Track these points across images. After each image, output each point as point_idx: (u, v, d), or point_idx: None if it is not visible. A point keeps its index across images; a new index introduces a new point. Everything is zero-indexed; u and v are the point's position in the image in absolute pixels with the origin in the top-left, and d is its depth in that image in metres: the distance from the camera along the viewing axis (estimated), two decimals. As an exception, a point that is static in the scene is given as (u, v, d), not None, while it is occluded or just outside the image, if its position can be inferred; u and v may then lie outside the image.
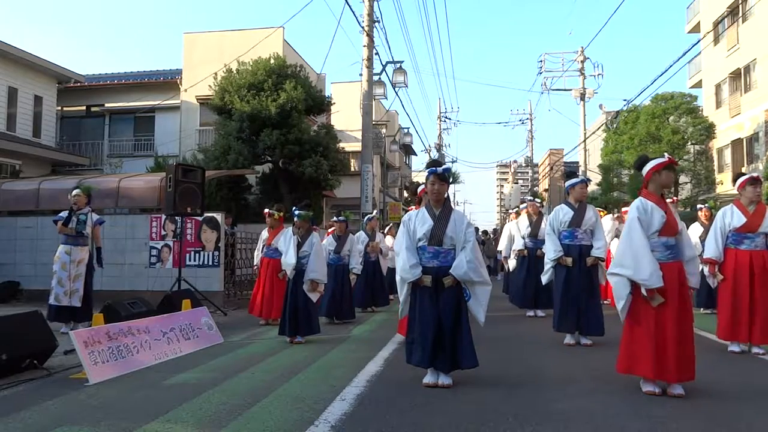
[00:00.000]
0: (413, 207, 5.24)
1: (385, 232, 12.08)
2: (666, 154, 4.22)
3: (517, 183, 52.51)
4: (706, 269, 5.73)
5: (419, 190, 5.19)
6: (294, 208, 6.58)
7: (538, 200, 9.04)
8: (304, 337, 6.41)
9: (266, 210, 8.31)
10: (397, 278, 4.38)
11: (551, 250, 6.15)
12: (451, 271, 4.21)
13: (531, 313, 8.38)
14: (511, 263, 9.15)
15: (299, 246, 6.38)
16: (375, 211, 13.60)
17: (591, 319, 5.89)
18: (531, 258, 8.36)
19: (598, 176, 27.68)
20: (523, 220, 8.77)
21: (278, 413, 3.59)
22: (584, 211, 6.13)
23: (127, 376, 4.73)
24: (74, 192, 7.43)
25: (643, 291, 3.87)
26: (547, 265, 6.26)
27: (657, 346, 3.86)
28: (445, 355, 4.19)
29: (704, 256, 5.70)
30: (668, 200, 4.19)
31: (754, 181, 5.54)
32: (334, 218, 9.01)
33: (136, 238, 10.47)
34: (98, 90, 20.30)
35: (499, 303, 9.58)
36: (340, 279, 8.37)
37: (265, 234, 8.25)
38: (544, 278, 6.41)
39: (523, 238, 8.58)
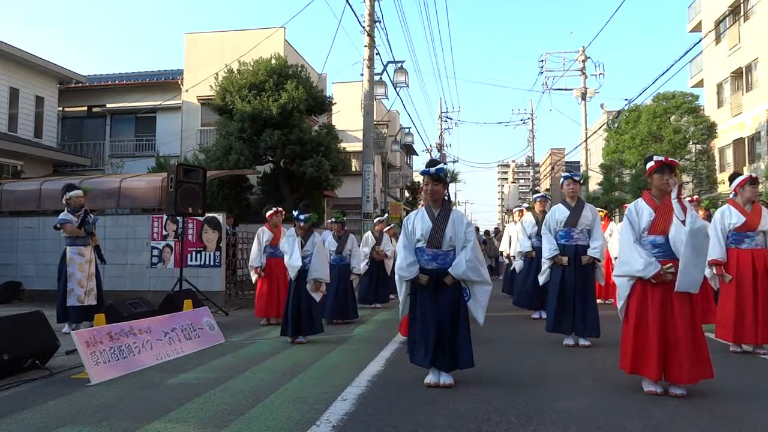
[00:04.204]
0: (419, 205, 5.24)
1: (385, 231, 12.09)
2: (655, 156, 4.17)
3: (516, 183, 52.56)
4: (708, 271, 5.69)
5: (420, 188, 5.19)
6: (296, 211, 6.56)
7: (548, 195, 8.73)
8: (306, 336, 6.42)
9: (278, 208, 8.27)
10: (396, 277, 4.40)
11: (547, 249, 6.09)
12: (449, 270, 4.21)
13: (536, 315, 8.22)
14: (518, 264, 8.86)
15: (302, 245, 6.39)
16: (386, 215, 13.64)
17: (586, 320, 5.83)
18: (539, 258, 7.69)
19: (600, 176, 27.66)
20: (528, 218, 8.41)
21: (280, 413, 3.60)
22: (581, 210, 6.06)
23: (129, 376, 4.73)
24: (75, 193, 7.40)
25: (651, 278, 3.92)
26: (544, 265, 6.20)
27: (650, 345, 3.88)
28: (445, 355, 4.19)
29: (709, 258, 5.67)
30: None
31: (753, 181, 5.61)
32: (330, 220, 9.17)
33: (137, 239, 10.48)
34: (99, 90, 20.32)
35: (500, 303, 9.58)
36: (343, 279, 8.40)
37: (267, 234, 8.19)
38: (542, 279, 6.34)
39: (530, 237, 8.20)
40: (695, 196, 8.75)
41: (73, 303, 7.15)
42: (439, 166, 4.38)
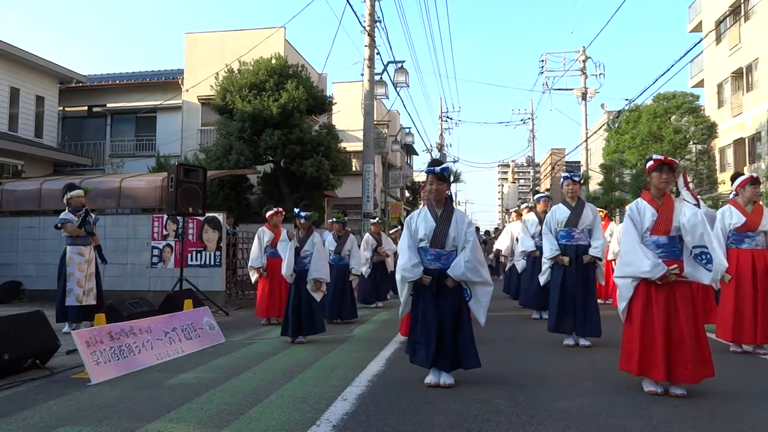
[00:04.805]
0: (420, 205, 5.24)
1: (391, 233, 12.18)
2: (655, 155, 4.16)
3: (515, 183, 52.53)
4: None
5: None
6: (297, 210, 6.56)
7: (548, 195, 8.56)
8: (307, 336, 6.43)
9: (279, 209, 8.28)
10: (398, 277, 4.36)
11: (548, 249, 6.10)
12: (448, 271, 4.20)
13: (536, 315, 8.23)
14: (519, 264, 8.77)
15: (301, 245, 6.42)
16: (376, 219, 13.61)
17: (587, 320, 5.84)
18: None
19: (600, 176, 27.65)
20: (531, 218, 8.27)
21: (280, 413, 3.60)
22: (581, 210, 6.06)
23: (129, 376, 4.73)
24: (75, 192, 7.41)
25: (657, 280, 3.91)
26: (545, 265, 6.21)
27: (656, 346, 3.87)
28: (447, 355, 4.18)
29: None
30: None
31: (754, 181, 5.61)
32: (331, 220, 9.23)
33: (137, 238, 10.49)
34: (100, 90, 20.31)
35: (501, 303, 9.58)
36: (341, 279, 8.40)
37: (268, 234, 8.18)
38: (542, 279, 6.34)
39: (533, 237, 8.06)
40: (698, 197, 8.68)
41: (72, 303, 7.16)
42: (444, 166, 4.37)
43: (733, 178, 5.86)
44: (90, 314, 7.20)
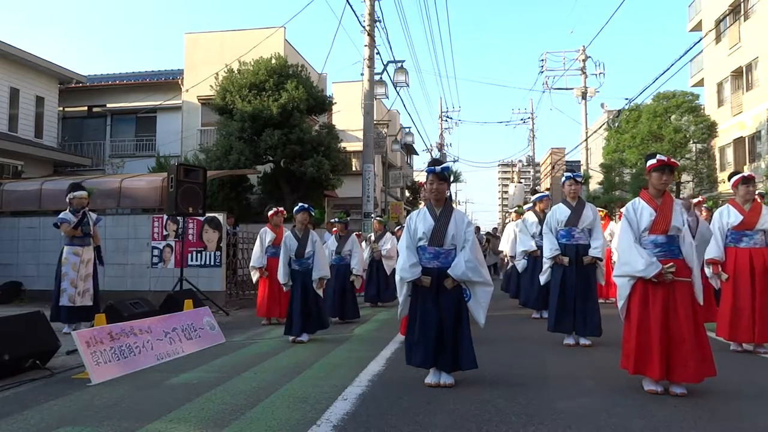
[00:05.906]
0: (420, 205, 5.25)
1: (395, 231, 12.14)
2: (658, 155, 4.17)
3: (521, 182, 52.55)
4: (708, 270, 5.69)
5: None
6: (306, 207, 6.68)
7: (548, 194, 8.52)
8: (313, 333, 6.54)
9: (280, 208, 8.32)
10: (397, 278, 4.36)
11: (548, 249, 6.10)
12: (448, 270, 4.19)
13: (536, 314, 8.22)
14: (520, 264, 8.71)
15: (303, 245, 6.51)
16: (373, 216, 13.64)
17: (587, 319, 5.84)
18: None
19: (600, 175, 27.64)
20: (531, 218, 8.22)
21: (280, 413, 3.60)
22: (582, 209, 6.06)
23: (130, 376, 4.74)
24: (79, 194, 7.42)
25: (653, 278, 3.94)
26: (545, 264, 6.22)
27: (652, 345, 3.88)
28: (447, 355, 4.18)
29: (706, 257, 5.67)
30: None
31: (747, 180, 5.60)
32: (333, 220, 9.33)
33: (138, 239, 10.49)
34: (100, 90, 20.31)
35: (501, 303, 9.58)
36: (342, 279, 8.40)
37: (270, 234, 8.19)
38: (542, 278, 6.34)
39: (533, 237, 8.03)
40: (701, 197, 8.66)
41: (65, 303, 7.15)
42: (444, 165, 4.38)
43: (730, 177, 5.85)
44: (87, 315, 7.21)
